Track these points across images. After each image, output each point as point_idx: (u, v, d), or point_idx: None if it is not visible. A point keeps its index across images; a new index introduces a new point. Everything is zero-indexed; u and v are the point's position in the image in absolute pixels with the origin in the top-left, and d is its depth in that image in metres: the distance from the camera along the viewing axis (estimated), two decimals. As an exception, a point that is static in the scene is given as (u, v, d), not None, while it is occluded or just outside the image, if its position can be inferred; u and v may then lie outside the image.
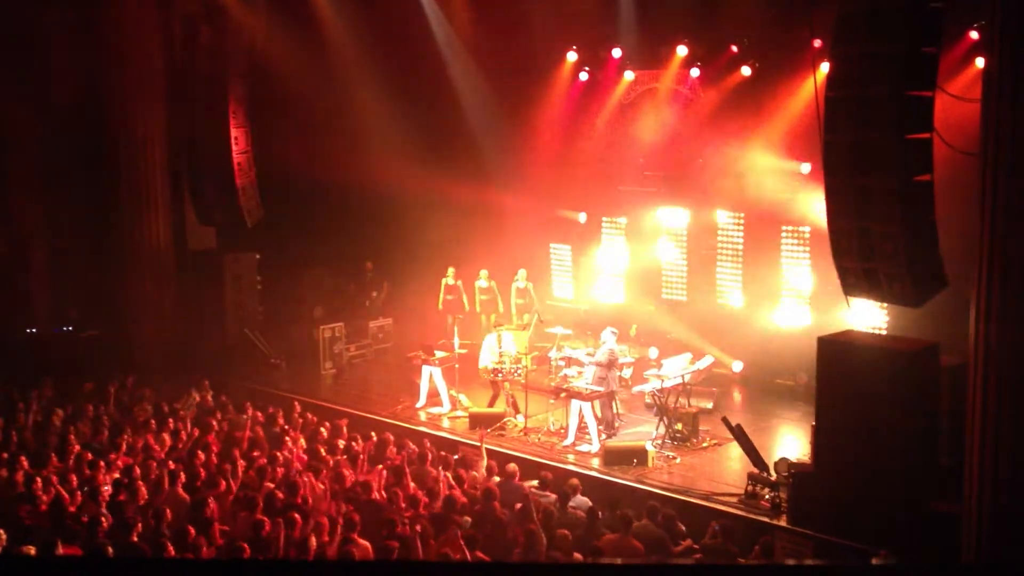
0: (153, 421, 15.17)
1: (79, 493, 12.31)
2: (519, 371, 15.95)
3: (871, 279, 11.52)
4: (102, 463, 13.18)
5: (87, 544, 10.57)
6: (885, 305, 15.34)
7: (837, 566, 10.44)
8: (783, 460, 13.16)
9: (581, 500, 12.47)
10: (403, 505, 11.81)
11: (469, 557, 10.46)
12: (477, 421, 15.76)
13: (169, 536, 10.77)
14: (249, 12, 19.09)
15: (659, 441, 14.80)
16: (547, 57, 19.56)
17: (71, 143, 19.95)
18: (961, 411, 10.94)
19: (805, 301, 17.53)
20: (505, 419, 15.70)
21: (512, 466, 13.05)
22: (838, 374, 12.08)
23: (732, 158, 17.76)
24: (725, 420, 14.17)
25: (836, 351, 12.18)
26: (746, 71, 17.50)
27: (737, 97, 17.66)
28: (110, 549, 10.37)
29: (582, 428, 14.99)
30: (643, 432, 15.31)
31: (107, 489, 12.21)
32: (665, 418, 15.02)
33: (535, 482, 13.08)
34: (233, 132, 18.93)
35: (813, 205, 15.69)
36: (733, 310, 18.50)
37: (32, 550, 10.15)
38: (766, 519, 12.49)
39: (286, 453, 13.67)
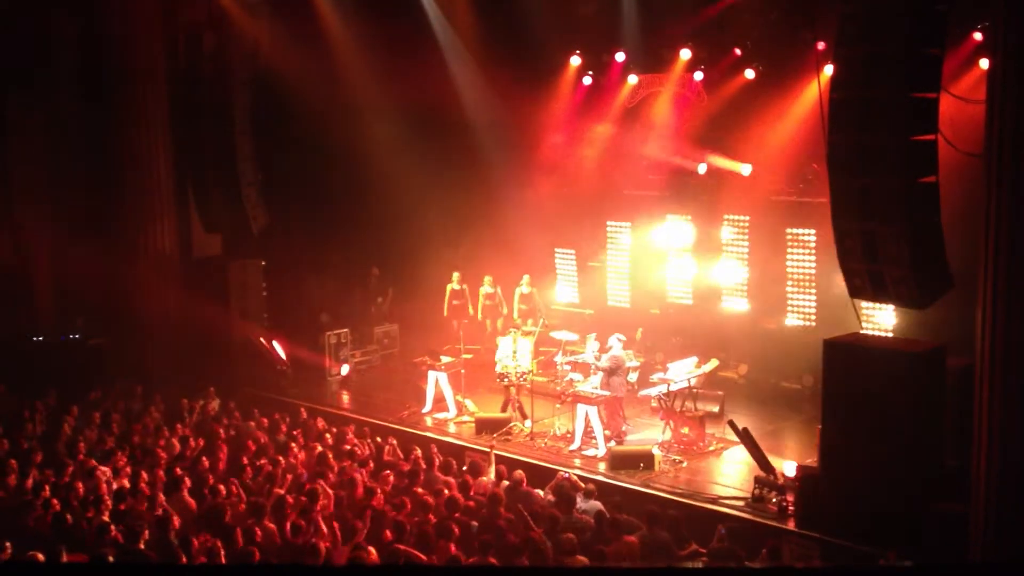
0: (160, 428, 15.19)
1: (86, 500, 12.31)
2: (525, 376, 15.94)
3: (877, 281, 11.49)
4: (109, 470, 13.20)
5: (94, 551, 10.57)
6: (891, 307, 15.31)
7: (845, 568, 10.44)
8: (790, 463, 13.14)
9: (592, 504, 12.44)
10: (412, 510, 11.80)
11: (480, 561, 10.44)
12: (483, 426, 15.76)
13: (176, 543, 10.78)
14: (253, 19, 19.12)
15: (665, 445, 14.79)
16: (550, 61, 19.55)
17: (76, 150, 19.98)
18: (968, 412, 10.94)
19: (810, 304, 17.50)
20: (511, 424, 15.69)
21: (519, 473, 13.01)
22: (844, 377, 12.07)
23: (736, 161, 17.76)
24: (731, 423, 14.15)
25: (842, 354, 12.16)
26: (750, 74, 17.48)
27: (741, 100, 17.64)
28: (117, 556, 10.39)
29: (588, 432, 14.98)
30: (649, 436, 15.30)
31: (113, 496, 12.21)
32: (671, 422, 15.01)
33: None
34: (238, 139, 18.95)
35: (818, 207, 15.67)
36: (738, 313, 18.47)
37: (39, 557, 10.16)
38: (773, 522, 12.47)
39: (292, 459, 13.68)
